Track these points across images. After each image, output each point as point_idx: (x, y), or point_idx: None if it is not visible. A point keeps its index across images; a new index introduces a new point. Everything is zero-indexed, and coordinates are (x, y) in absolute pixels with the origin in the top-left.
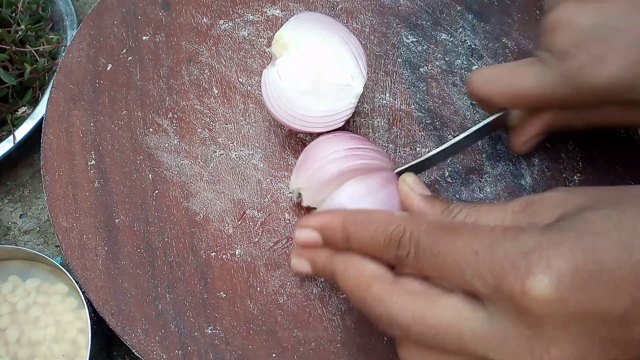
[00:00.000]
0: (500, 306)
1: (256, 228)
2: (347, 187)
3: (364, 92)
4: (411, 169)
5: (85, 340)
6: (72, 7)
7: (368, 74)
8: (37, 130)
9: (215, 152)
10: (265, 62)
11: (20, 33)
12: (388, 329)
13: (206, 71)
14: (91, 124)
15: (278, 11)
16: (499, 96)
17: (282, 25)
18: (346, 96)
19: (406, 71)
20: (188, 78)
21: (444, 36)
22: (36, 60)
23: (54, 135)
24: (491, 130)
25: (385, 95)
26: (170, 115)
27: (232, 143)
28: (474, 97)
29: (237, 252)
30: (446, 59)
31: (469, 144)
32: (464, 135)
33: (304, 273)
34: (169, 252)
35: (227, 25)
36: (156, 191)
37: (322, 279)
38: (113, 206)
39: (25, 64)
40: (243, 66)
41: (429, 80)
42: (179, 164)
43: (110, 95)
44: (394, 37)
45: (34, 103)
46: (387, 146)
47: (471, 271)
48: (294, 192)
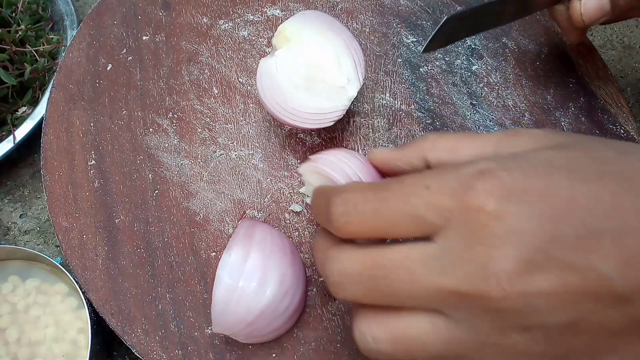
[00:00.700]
0: (452, 230)
1: None
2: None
3: (364, 92)
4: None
5: (85, 340)
6: (72, 7)
7: (368, 74)
8: (37, 130)
9: (215, 152)
10: None
11: (20, 33)
12: (340, 290)
13: (206, 71)
14: (91, 124)
15: (278, 11)
16: None
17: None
18: (339, 98)
19: (406, 71)
20: (188, 78)
21: None
22: (36, 60)
23: (54, 135)
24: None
25: (385, 95)
26: (170, 115)
27: (232, 143)
28: None
29: None
30: (446, 59)
31: (500, 18)
32: None
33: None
34: (169, 252)
35: (227, 25)
36: (156, 191)
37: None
38: (113, 206)
39: (25, 64)
40: (243, 66)
41: (429, 80)
42: (179, 164)
43: (110, 95)
44: (394, 37)
45: (34, 103)
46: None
47: (423, 204)
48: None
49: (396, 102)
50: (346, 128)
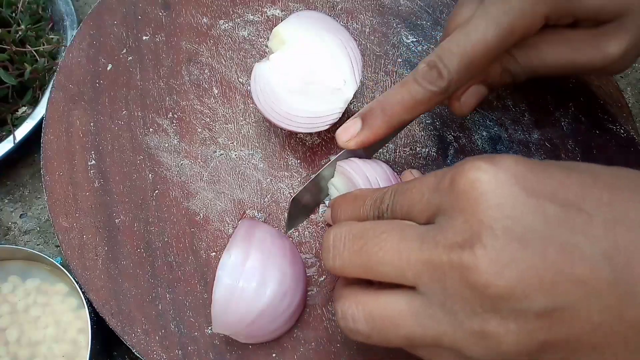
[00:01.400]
0: (449, 209)
1: None
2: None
3: (364, 92)
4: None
5: (85, 340)
6: (72, 7)
7: (368, 74)
8: (37, 130)
9: (215, 152)
10: None
11: (20, 33)
12: (331, 256)
13: (206, 71)
14: (91, 124)
15: (278, 11)
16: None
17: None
18: (335, 100)
19: (406, 71)
20: (188, 78)
21: None
22: (36, 60)
23: (54, 135)
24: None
25: None
26: (170, 115)
27: (232, 143)
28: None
29: None
30: None
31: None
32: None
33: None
34: (169, 252)
35: (227, 25)
36: (156, 191)
37: (322, 279)
38: (113, 206)
39: (25, 64)
40: (243, 66)
41: None
42: (179, 164)
43: (110, 95)
44: (394, 37)
45: (34, 103)
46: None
47: (428, 193)
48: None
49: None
50: None
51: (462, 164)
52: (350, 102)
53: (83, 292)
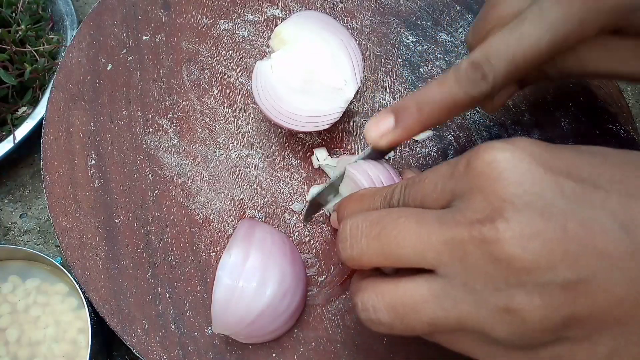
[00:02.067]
0: (466, 192)
1: None
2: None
3: (364, 92)
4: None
5: (85, 340)
6: (72, 7)
7: (368, 74)
8: (37, 130)
9: (215, 152)
10: None
11: (20, 33)
12: (349, 245)
13: (206, 71)
14: (91, 124)
15: (278, 11)
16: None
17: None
18: (336, 99)
19: (406, 71)
20: (188, 78)
21: (444, 36)
22: (36, 60)
23: (54, 135)
24: None
25: (385, 95)
26: (170, 115)
27: (232, 143)
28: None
29: None
30: (446, 59)
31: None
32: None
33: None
34: (169, 252)
35: (227, 25)
36: (156, 191)
37: (321, 279)
38: (113, 206)
39: (25, 64)
40: (243, 66)
41: (429, 80)
42: (179, 164)
43: (110, 95)
44: (394, 37)
45: (34, 103)
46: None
47: (441, 184)
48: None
49: (396, 102)
50: (346, 128)
51: (476, 148)
52: (350, 102)
53: (83, 292)
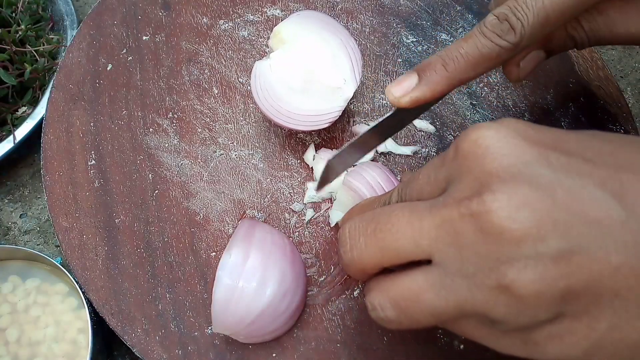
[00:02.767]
0: (456, 175)
1: None
2: None
3: (364, 92)
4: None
5: (85, 340)
6: (72, 7)
7: (368, 74)
8: (37, 130)
9: (215, 152)
10: None
11: (20, 33)
12: (347, 244)
13: (206, 71)
14: (91, 124)
15: (278, 11)
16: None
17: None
18: (335, 98)
19: (406, 71)
20: (188, 78)
21: (444, 36)
22: (36, 60)
23: (54, 135)
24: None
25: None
26: (170, 115)
27: (232, 143)
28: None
29: None
30: None
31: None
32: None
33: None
34: (169, 252)
35: (227, 25)
36: (156, 191)
37: (321, 279)
38: (113, 206)
39: (25, 64)
40: (243, 66)
41: None
42: (179, 164)
43: (110, 95)
44: (394, 37)
45: (34, 103)
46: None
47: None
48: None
49: None
50: (346, 128)
51: (463, 132)
52: (350, 101)
53: (83, 292)
